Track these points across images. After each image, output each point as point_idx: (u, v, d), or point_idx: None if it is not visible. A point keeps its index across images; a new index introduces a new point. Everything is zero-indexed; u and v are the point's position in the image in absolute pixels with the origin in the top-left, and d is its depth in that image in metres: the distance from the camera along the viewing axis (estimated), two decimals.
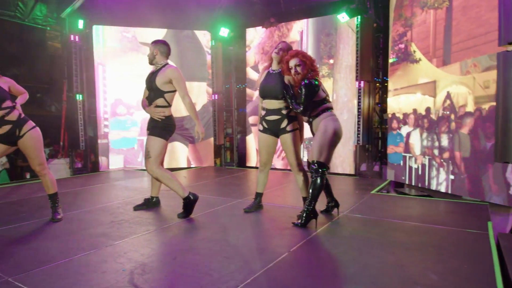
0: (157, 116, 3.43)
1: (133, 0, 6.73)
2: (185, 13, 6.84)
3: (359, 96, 5.62)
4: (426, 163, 4.83)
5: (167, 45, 3.52)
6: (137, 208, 3.74)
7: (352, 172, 5.90)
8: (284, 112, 3.30)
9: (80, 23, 6.33)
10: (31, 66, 10.32)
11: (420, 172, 4.92)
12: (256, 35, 7.02)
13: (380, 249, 2.62)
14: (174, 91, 3.45)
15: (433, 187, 4.71)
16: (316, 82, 3.05)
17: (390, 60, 5.40)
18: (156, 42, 3.51)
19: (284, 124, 3.30)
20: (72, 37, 6.40)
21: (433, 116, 4.72)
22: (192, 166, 7.15)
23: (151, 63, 3.51)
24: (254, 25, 6.89)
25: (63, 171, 6.42)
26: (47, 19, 6.51)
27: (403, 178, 5.18)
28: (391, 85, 5.42)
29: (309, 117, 3.19)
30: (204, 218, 3.42)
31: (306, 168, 3.43)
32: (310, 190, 3.04)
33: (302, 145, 3.49)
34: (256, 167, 6.67)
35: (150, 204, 3.79)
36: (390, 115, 5.44)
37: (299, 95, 3.08)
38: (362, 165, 5.74)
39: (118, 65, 6.79)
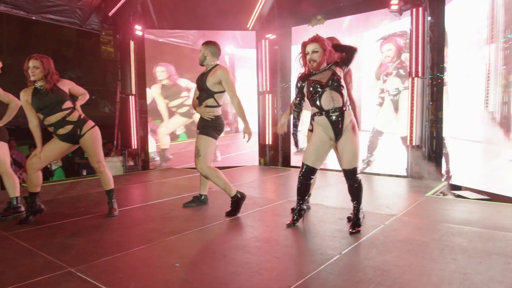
0: (207, 115, 3.49)
1: (181, 5, 6.94)
2: (231, 13, 6.93)
3: (412, 93, 5.36)
4: None
5: (217, 46, 3.57)
6: (186, 205, 3.83)
7: (404, 173, 5.64)
8: None
9: (137, 29, 6.61)
10: (86, 70, 10.99)
11: None
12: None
13: (439, 255, 2.47)
14: (224, 91, 3.49)
15: None
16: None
17: None
18: (206, 43, 3.56)
19: None
20: (132, 43, 6.70)
21: None
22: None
23: (201, 64, 3.58)
24: (300, 23, 6.81)
25: (116, 168, 6.74)
26: (102, 24, 6.86)
27: None
28: None
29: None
30: (252, 217, 3.42)
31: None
32: (360, 195, 2.94)
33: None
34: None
35: (199, 202, 3.87)
36: None
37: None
38: (415, 166, 5.47)
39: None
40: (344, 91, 2.87)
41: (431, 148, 5.51)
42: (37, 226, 3.15)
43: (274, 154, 7.50)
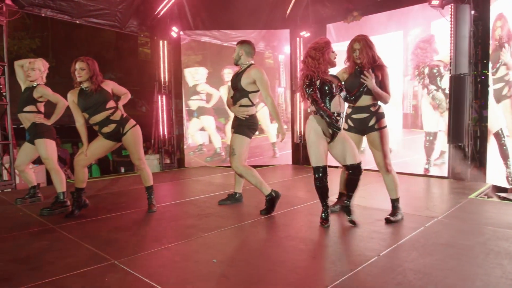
0: (241, 115, 3.53)
1: (216, 5, 7.04)
2: (265, 12, 6.95)
3: (451, 91, 5.14)
4: None
5: (252, 45, 3.59)
6: (221, 202, 3.89)
7: (445, 174, 5.42)
8: (372, 109, 3.14)
9: (172, 30, 6.80)
10: (125, 71, 11.41)
11: None
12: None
13: (484, 259, 2.36)
14: (258, 91, 3.51)
15: None
16: None
17: None
18: (241, 43, 3.60)
19: (372, 122, 3.15)
20: (162, 43, 6.90)
21: None
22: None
23: (236, 63, 3.62)
24: (335, 20, 6.71)
25: (153, 166, 6.96)
26: (140, 26, 7.08)
27: None
28: None
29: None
30: (286, 216, 3.43)
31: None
32: (357, 188, 3.03)
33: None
34: (335, 166, 6.50)
35: (234, 200, 3.92)
36: None
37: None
38: (456, 167, 5.24)
39: None
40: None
41: (475, 148, 5.26)
42: (82, 220, 3.32)
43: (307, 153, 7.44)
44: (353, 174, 2.98)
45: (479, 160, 5.20)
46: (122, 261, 2.36)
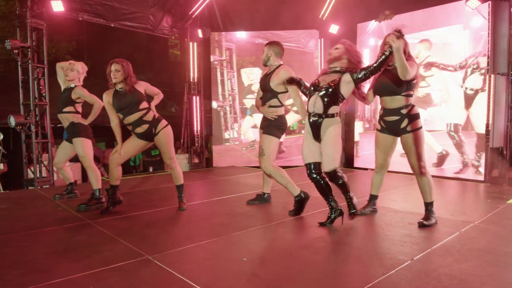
0: (270, 115, 3.54)
1: (245, 6, 7.11)
2: (294, 12, 6.93)
3: (489, 91, 4.93)
4: None
5: (281, 46, 3.61)
6: (250, 202, 3.92)
7: (481, 178, 5.21)
8: (403, 111, 3.05)
9: (200, 32, 6.94)
10: (155, 72, 11.70)
11: None
12: None
13: None
14: (287, 91, 3.51)
15: None
16: None
17: None
18: (270, 44, 3.62)
19: (404, 124, 3.06)
20: (191, 44, 7.06)
21: None
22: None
23: (265, 64, 3.64)
24: (366, 19, 6.59)
25: (182, 165, 7.10)
26: (171, 29, 7.24)
27: None
28: None
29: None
30: (316, 218, 3.38)
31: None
32: (346, 187, 3.08)
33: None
34: (365, 168, 6.39)
35: (262, 200, 3.93)
36: None
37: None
38: (494, 170, 5.02)
39: None
40: (334, 100, 2.92)
41: None
42: (116, 216, 3.44)
43: None
44: (330, 179, 3.05)
45: None
46: (155, 257, 2.42)
